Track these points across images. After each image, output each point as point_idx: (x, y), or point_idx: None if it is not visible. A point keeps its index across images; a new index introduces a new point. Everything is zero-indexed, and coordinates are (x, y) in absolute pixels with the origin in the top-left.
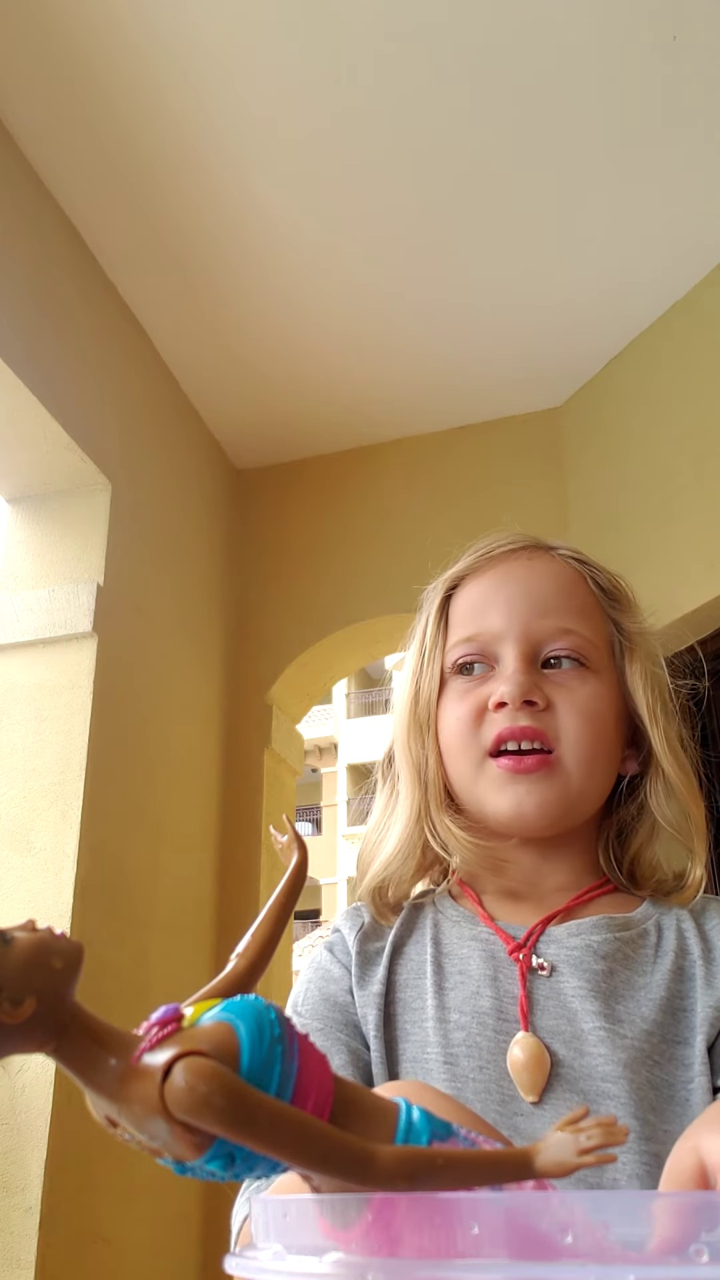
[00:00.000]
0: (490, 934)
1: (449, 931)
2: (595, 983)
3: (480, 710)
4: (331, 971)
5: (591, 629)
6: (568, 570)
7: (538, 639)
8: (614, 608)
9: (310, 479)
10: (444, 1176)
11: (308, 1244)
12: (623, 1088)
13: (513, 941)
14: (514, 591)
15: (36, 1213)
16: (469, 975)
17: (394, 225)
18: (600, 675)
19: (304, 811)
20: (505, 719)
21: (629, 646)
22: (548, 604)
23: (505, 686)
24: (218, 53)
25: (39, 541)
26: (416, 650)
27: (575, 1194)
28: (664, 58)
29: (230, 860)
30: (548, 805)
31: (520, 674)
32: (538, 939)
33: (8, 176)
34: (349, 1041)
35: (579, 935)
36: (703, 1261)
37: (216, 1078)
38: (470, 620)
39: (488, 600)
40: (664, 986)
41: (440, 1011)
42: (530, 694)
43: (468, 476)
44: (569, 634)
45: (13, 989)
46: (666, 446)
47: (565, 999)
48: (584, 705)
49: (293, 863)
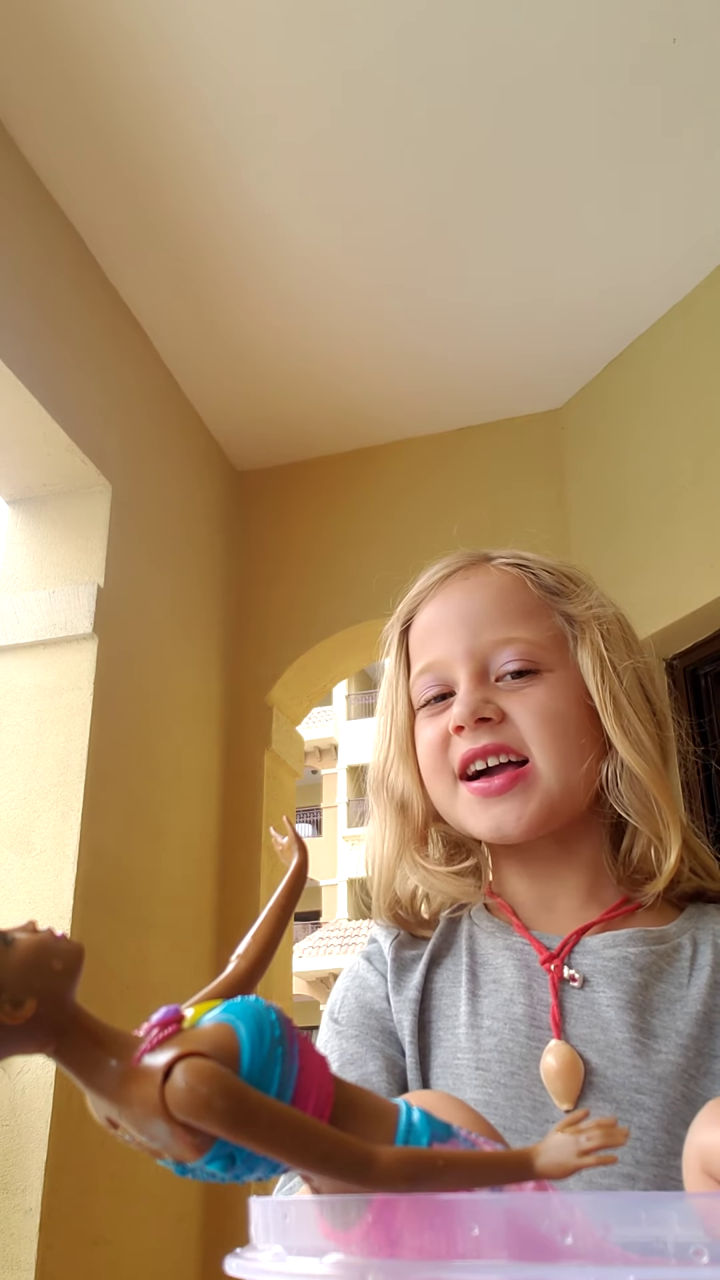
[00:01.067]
0: (524, 944)
1: (484, 942)
2: (631, 995)
3: (444, 736)
4: (368, 980)
5: (535, 630)
6: (504, 578)
7: (483, 655)
8: (559, 600)
9: (311, 481)
10: (444, 1178)
11: (308, 1245)
12: (657, 1100)
13: (545, 951)
14: (452, 614)
15: (37, 1214)
16: (503, 983)
17: (394, 227)
18: (555, 673)
19: (304, 813)
20: (466, 741)
21: (578, 634)
22: (485, 618)
23: (457, 708)
24: (218, 53)
25: (39, 543)
26: (386, 684)
27: (575, 1195)
28: (664, 60)
29: (230, 861)
30: (527, 818)
31: (469, 694)
32: (571, 949)
33: (8, 176)
34: (384, 1048)
35: (615, 947)
36: (703, 1262)
37: (217, 1079)
38: (423, 651)
39: (433, 628)
40: (700, 1000)
41: (473, 1018)
42: (481, 711)
43: (468, 478)
44: (512, 643)
45: (13, 990)
46: (666, 448)
47: (599, 1009)
48: (539, 708)
49: (293, 864)
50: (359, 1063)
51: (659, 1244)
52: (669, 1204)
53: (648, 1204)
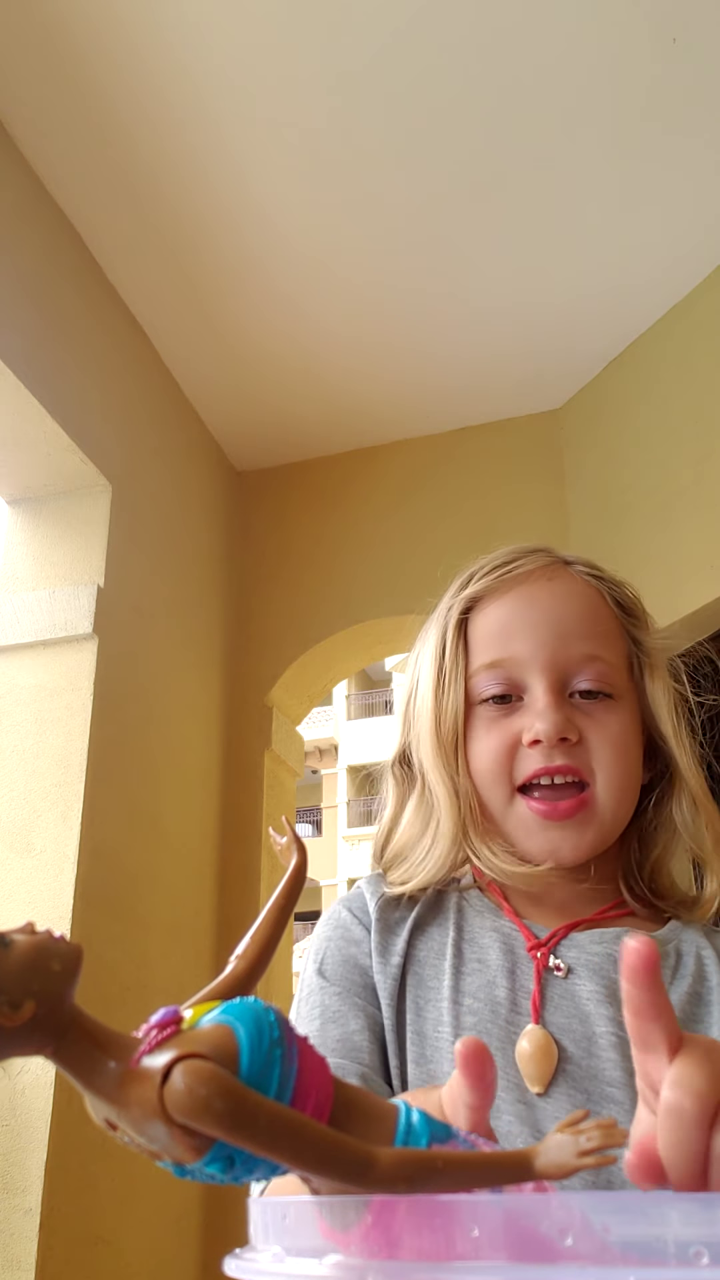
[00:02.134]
0: (513, 928)
1: (472, 919)
2: (613, 990)
3: (512, 745)
4: (353, 932)
5: (615, 652)
6: (588, 590)
7: (565, 668)
8: (633, 625)
9: (311, 481)
10: (444, 1179)
11: (307, 1246)
12: (628, 1094)
13: (534, 939)
14: (539, 617)
15: (37, 1215)
16: (487, 964)
17: (395, 227)
18: (624, 701)
19: (304, 813)
20: (540, 757)
21: (649, 664)
22: (572, 630)
23: (540, 724)
24: (217, 52)
25: (39, 543)
26: (434, 670)
27: (575, 1196)
28: (664, 60)
29: (230, 862)
30: (584, 848)
31: (553, 710)
32: (559, 941)
33: (8, 176)
34: (366, 1006)
35: (602, 944)
36: (703, 1264)
37: (216, 1080)
38: (494, 646)
39: (512, 626)
40: (678, 1008)
41: (455, 994)
42: (565, 731)
43: (468, 478)
44: (596, 661)
45: (12, 992)
46: (666, 448)
47: (580, 1001)
48: (616, 739)
49: (292, 864)
50: (341, 1020)
51: (659, 1244)
52: (669, 1204)
53: (648, 1204)
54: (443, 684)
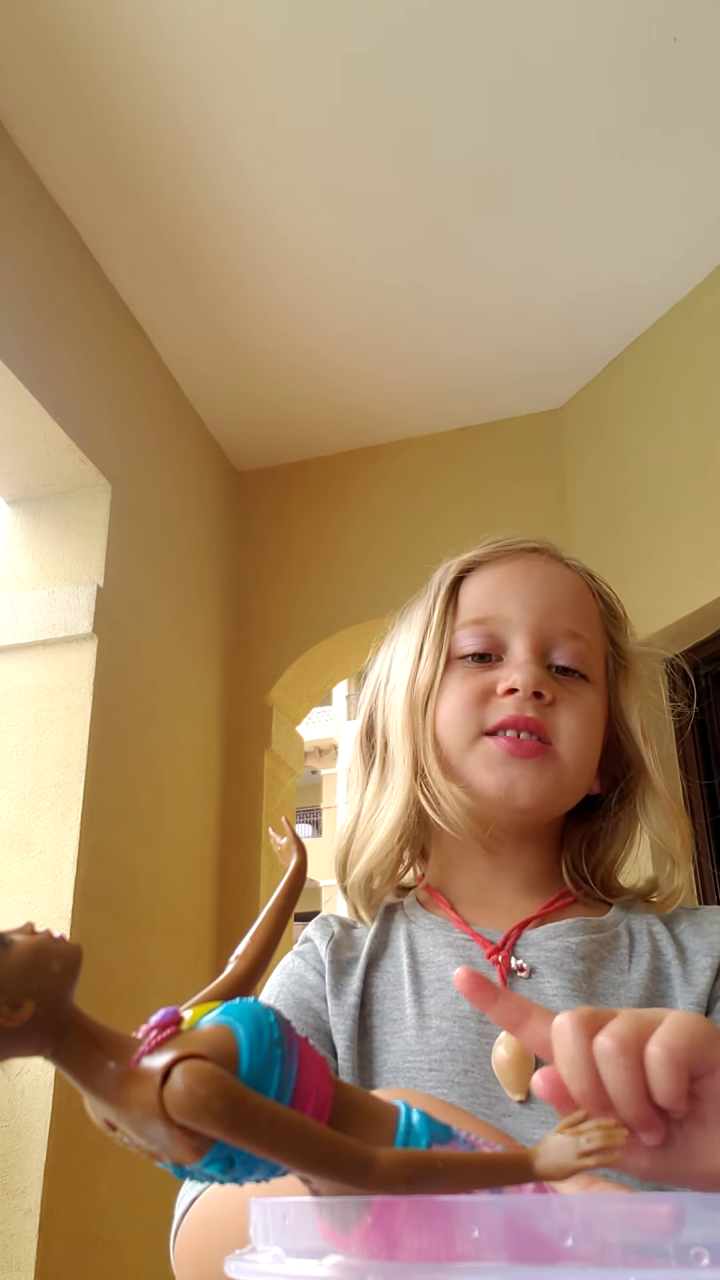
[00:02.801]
0: (466, 939)
1: (423, 940)
2: (576, 983)
3: (485, 693)
4: (306, 977)
5: (595, 640)
6: (579, 580)
7: (549, 636)
8: (613, 625)
9: (310, 481)
10: (444, 1179)
11: (307, 1247)
12: None
13: (490, 945)
14: (530, 586)
15: (36, 1215)
16: (448, 981)
17: (394, 227)
18: (596, 689)
19: (304, 813)
20: (513, 706)
21: (624, 665)
22: (560, 605)
23: (518, 674)
24: (217, 52)
25: (39, 543)
26: (419, 628)
27: (575, 1197)
28: (664, 59)
29: (230, 862)
30: (539, 789)
31: (533, 664)
32: (515, 942)
33: (8, 177)
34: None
35: (556, 938)
36: (703, 1264)
37: (215, 1081)
38: (483, 604)
39: (503, 588)
40: (642, 986)
41: (420, 1019)
42: (542, 686)
43: (468, 478)
44: (578, 638)
45: (11, 992)
46: (667, 448)
47: (547, 999)
48: (585, 712)
49: (292, 865)
50: None
51: (659, 1245)
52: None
53: (649, 1205)
54: (425, 641)
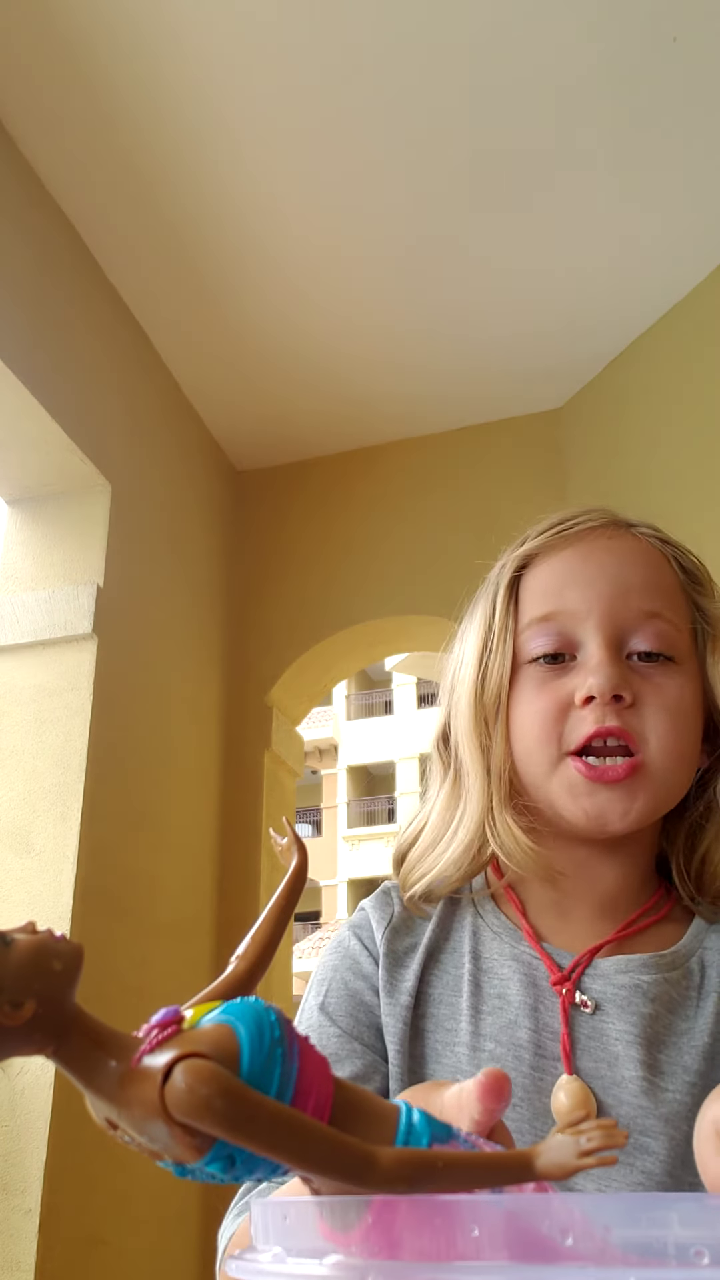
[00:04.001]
0: (534, 956)
1: (489, 945)
2: (641, 1027)
3: (564, 705)
4: (360, 964)
5: (677, 615)
6: (651, 551)
7: (623, 624)
8: (698, 591)
9: (310, 480)
10: (444, 1179)
11: (307, 1246)
12: (661, 1144)
13: (558, 971)
14: (596, 571)
15: (36, 1215)
16: (508, 1001)
17: (395, 226)
18: (685, 668)
19: (304, 813)
20: (593, 717)
21: (713, 634)
22: (632, 585)
23: (594, 679)
24: (218, 51)
25: (39, 543)
26: (482, 630)
27: (575, 1196)
28: (664, 59)
29: (230, 862)
30: (632, 815)
31: (608, 664)
32: (584, 970)
33: (7, 176)
34: (365, 1052)
35: (628, 973)
36: (704, 1264)
37: (216, 1080)
38: (547, 600)
39: (567, 579)
40: (707, 1032)
41: (475, 1039)
42: (620, 688)
43: (468, 478)
44: (656, 618)
45: (12, 991)
46: (667, 448)
47: (608, 1042)
48: (673, 703)
49: (292, 865)
50: (338, 1064)
51: (659, 1245)
52: (670, 1205)
53: (648, 1205)
54: (490, 644)
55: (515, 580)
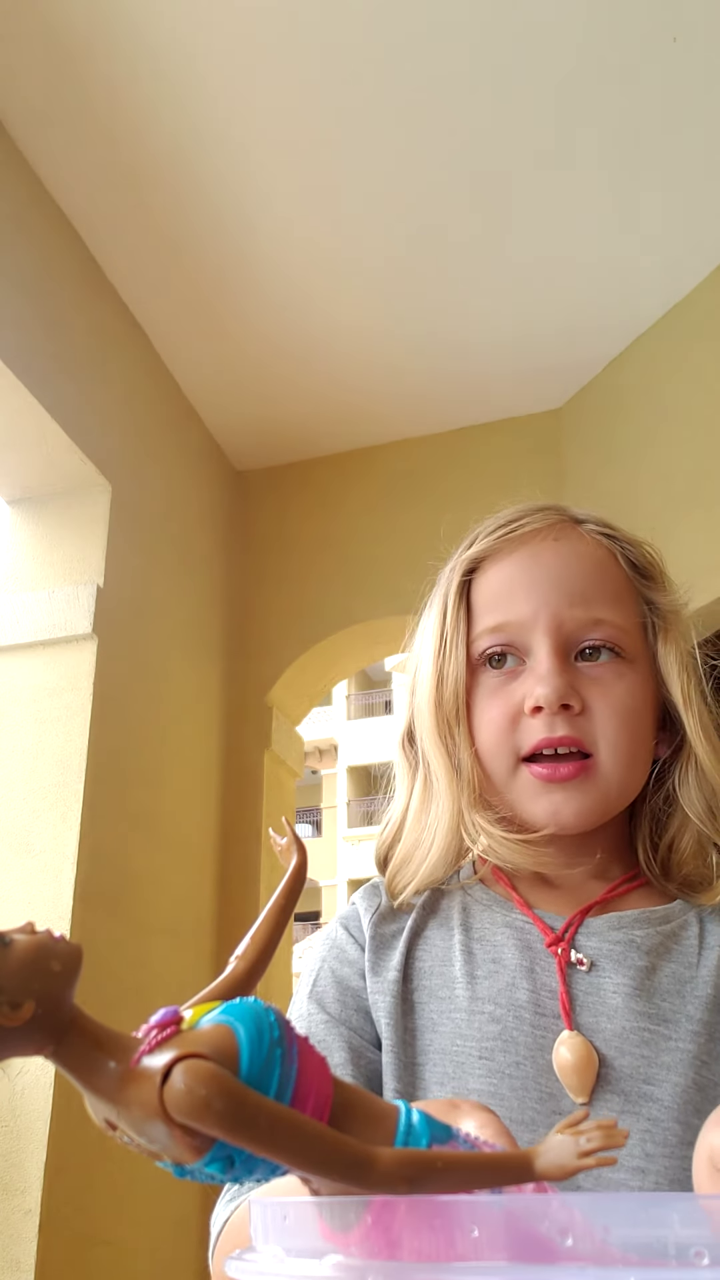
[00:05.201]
0: (526, 922)
1: (480, 916)
2: (638, 980)
3: (515, 713)
4: (347, 952)
5: (625, 615)
6: (598, 550)
7: (570, 630)
8: (647, 586)
9: (310, 480)
10: (444, 1179)
11: (307, 1247)
12: (666, 1091)
13: (551, 933)
14: (542, 577)
15: (36, 1215)
16: (503, 964)
17: (395, 226)
18: (635, 664)
19: (304, 813)
20: (542, 726)
21: (663, 627)
22: (578, 591)
23: (541, 689)
24: (219, 54)
25: (39, 543)
26: (435, 635)
27: (575, 1196)
28: (664, 59)
29: (230, 862)
30: (585, 811)
31: (555, 674)
32: (576, 931)
33: (8, 177)
34: (351, 1037)
35: (620, 929)
36: (703, 1264)
37: (216, 1080)
38: (496, 608)
39: (514, 586)
40: (710, 983)
41: (472, 1002)
42: (567, 697)
43: (468, 478)
44: (602, 624)
45: (11, 992)
46: (667, 448)
47: (605, 996)
48: (621, 704)
49: (292, 865)
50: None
51: (659, 1245)
52: (670, 1205)
53: (648, 1205)
54: (444, 650)
55: (465, 584)
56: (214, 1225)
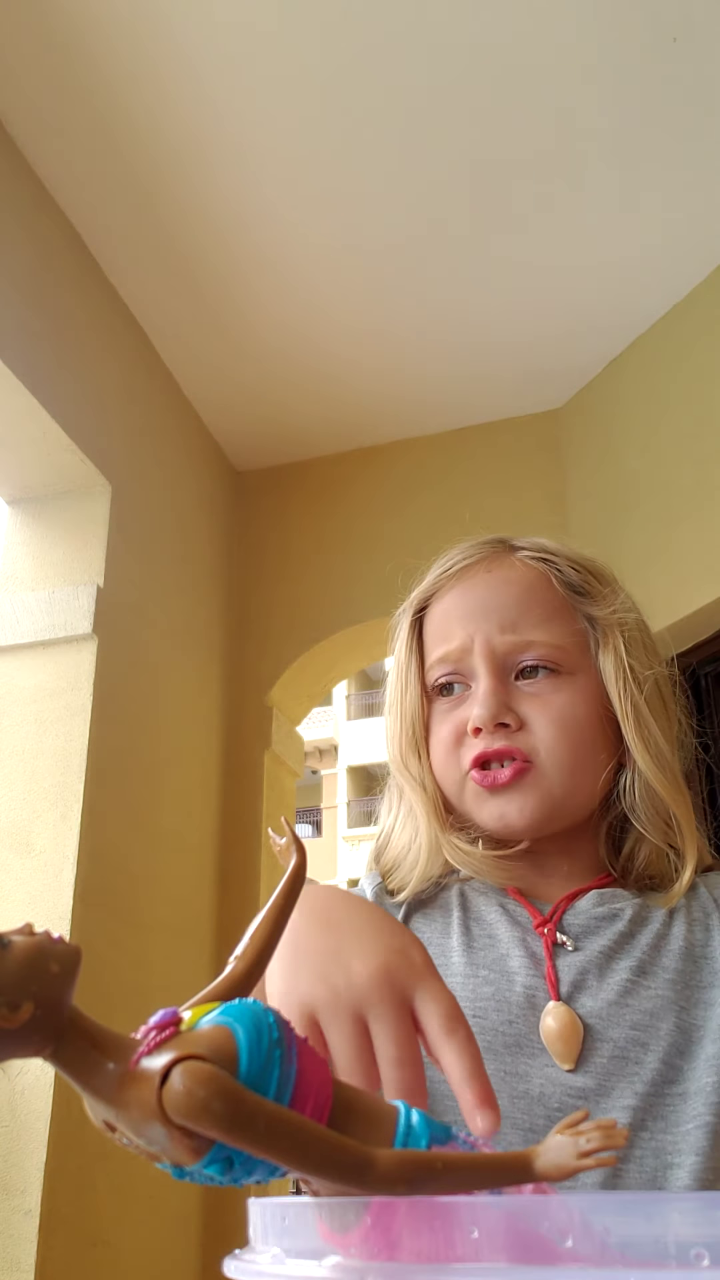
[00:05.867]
0: (517, 905)
1: (475, 900)
2: (619, 942)
3: (459, 734)
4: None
5: (557, 633)
6: (529, 573)
7: (504, 653)
8: (583, 602)
9: (310, 481)
10: (443, 1180)
11: (307, 1247)
12: (651, 1035)
13: (539, 915)
14: (475, 606)
15: (36, 1216)
16: (497, 939)
17: (395, 227)
18: (576, 677)
19: (304, 813)
20: (481, 743)
21: (602, 640)
22: (508, 616)
23: (477, 710)
24: (219, 53)
25: (39, 543)
26: (394, 673)
27: (575, 1197)
28: (664, 59)
29: (230, 862)
30: (529, 811)
31: (489, 695)
32: (563, 914)
33: (8, 177)
34: None
35: (603, 905)
36: (704, 1265)
37: (214, 1082)
38: (440, 641)
39: (451, 619)
40: (682, 938)
41: (469, 968)
42: (501, 716)
43: (468, 478)
44: (534, 645)
45: (10, 993)
46: (667, 448)
47: (591, 957)
48: (560, 714)
49: (291, 865)
50: None
51: (659, 1245)
52: (670, 1205)
53: (648, 1205)
54: (401, 685)
55: (416, 621)
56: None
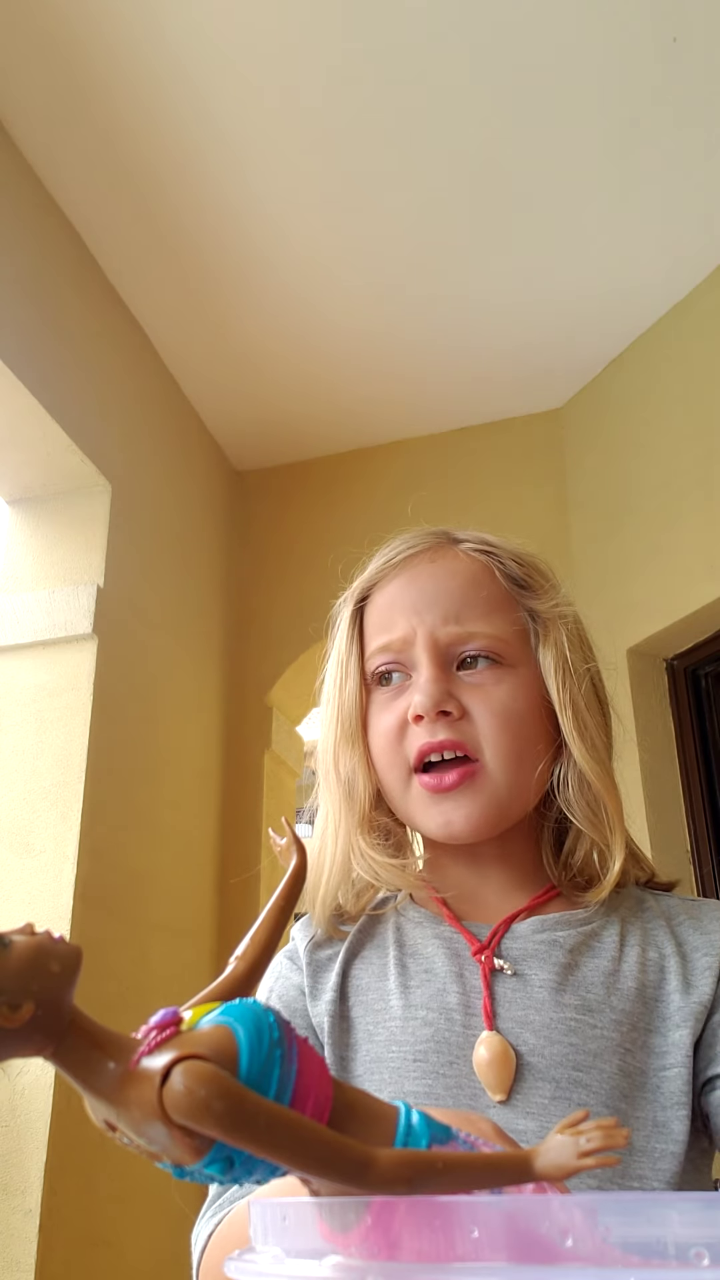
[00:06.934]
0: (454, 933)
1: (411, 933)
2: (561, 975)
3: (402, 723)
4: (291, 978)
5: (499, 625)
6: (472, 565)
7: (446, 643)
8: (525, 595)
9: (311, 481)
10: (443, 1180)
11: (307, 1247)
12: (594, 1076)
13: (476, 942)
14: (417, 596)
15: (36, 1216)
16: (434, 973)
17: (395, 226)
18: (517, 669)
19: (304, 813)
20: (424, 732)
21: (543, 633)
22: (450, 606)
23: (419, 697)
24: (219, 53)
25: (39, 543)
26: (334, 663)
27: (575, 1197)
28: (664, 60)
29: (230, 862)
30: (475, 817)
31: (432, 683)
32: (500, 938)
33: (8, 176)
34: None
35: (544, 931)
36: (704, 1265)
37: (215, 1082)
38: (381, 630)
39: (394, 608)
40: (633, 977)
41: (406, 1009)
42: (444, 704)
43: (468, 478)
44: (475, 636)
45: (11, 993)
46: (668, 448)
47: (532, 991)
48: (500, 707)
49: (291, 865)
50: None
51: (659, 1245)
52: (670, 1205)
53: (648, 1205)
54: (340, 674)
55: (358, 611)
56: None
